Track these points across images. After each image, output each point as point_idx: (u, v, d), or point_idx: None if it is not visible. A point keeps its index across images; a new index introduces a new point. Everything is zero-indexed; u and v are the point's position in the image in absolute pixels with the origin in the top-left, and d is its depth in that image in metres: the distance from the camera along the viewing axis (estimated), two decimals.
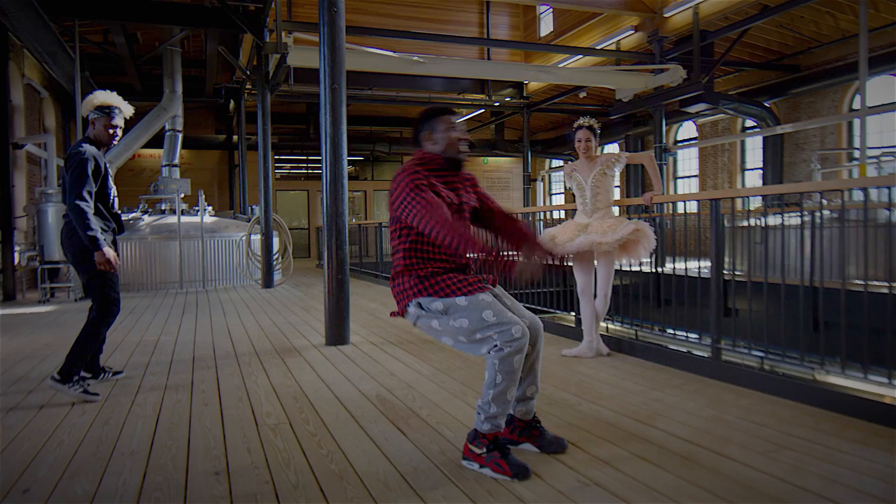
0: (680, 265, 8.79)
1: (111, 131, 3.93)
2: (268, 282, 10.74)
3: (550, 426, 3.03)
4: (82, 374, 3.97)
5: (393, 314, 2.76)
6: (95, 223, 3.76)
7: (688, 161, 17.60)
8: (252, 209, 13.83)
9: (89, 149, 3.81)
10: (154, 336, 5.93)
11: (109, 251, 3.78)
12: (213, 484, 2.45)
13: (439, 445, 2.82)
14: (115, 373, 4.31)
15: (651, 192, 4.57)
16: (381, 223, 12.26)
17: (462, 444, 2.76)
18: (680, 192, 17.57)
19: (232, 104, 17.34)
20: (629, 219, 4.65)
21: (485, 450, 2.50)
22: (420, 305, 2.61)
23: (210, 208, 12.30)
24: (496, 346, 2.45)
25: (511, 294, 2.99)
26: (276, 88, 11.49)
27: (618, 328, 5.30)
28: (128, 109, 4.05)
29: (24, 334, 6.29)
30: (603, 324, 5.41)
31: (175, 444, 2.93)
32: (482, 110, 18.77)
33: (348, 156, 22.50)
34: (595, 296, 4.61)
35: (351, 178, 22.76)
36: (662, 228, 12.70)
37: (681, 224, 8.81)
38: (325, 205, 5.30)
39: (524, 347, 2.45)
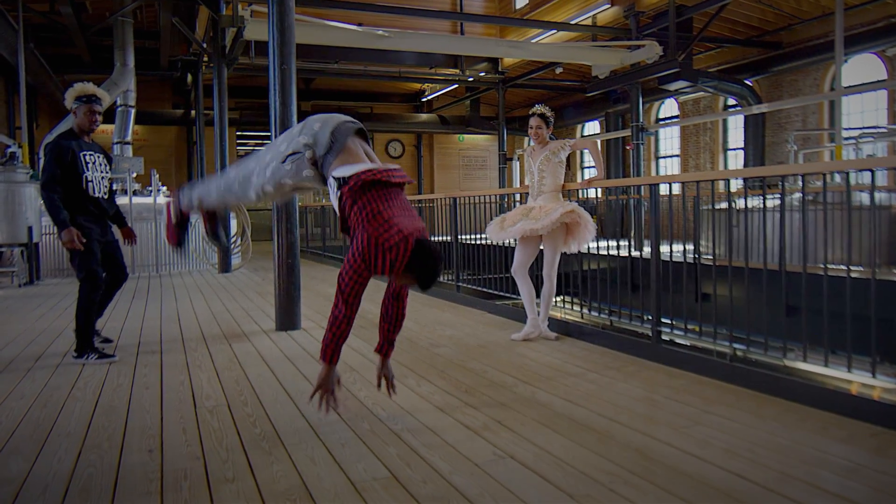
0: (663, 249, 9.15)
1: (91, 118, 4.54)
2: (225, 266, 10.92)
3: (483, 405, 3.33)
4: (106, 338, 5.03)
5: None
6: (58, 208, 4.35)
7: (670, 140, 17.97)
8: None
9: (60, 142, 4.45)
10: (100, 323, 6.11)
11: (72, 231, 4.34)
12: (146, 461, 2.70)
13: (370, 424, 3.10)
14: (105, 339, 5.08)
15: (592, 177, 4.88)
16: None
17: (396, 424, 3.06)
18: (662, 173, 17.95)
19: (190, 77, 17.34)
20: (578, 204, 4.95)
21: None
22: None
23: (164, 188, 12.41)
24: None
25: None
26: (234, 62, 11.60)
27: (592, 316, 5.60)
28: (105, 97, 4.64)
29: None
30: (558, 309, 5.72)
31: (112, 425, 3.18)
32: (456, 85, 18.96)
33: None
34: (542, 278, 4.92)
35: None
36: (640, 212, 13.10)
37: (669, 206, 9.13)
38: None
39: None
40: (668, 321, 4.39)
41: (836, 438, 2.78)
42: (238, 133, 20.80)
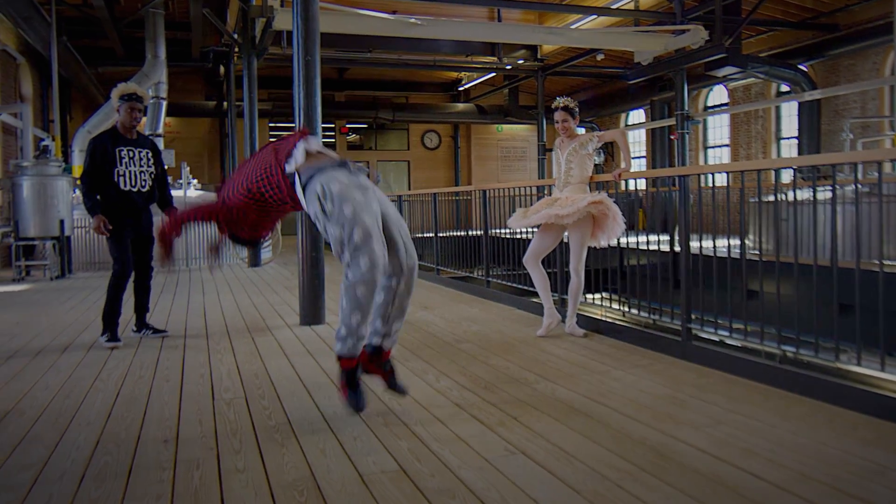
0: (707, 244, 9.07)
1: (132, 115, 5.08)
2: (255, 260, 11.17)
3: (501, 401, 3.40)
4: (156, 329, 5.42)
5: None
6: (88, 196, 5.00)
7: (719, 129, 17.71)
8: None
9: (95, 138, 5.09)
10: (127, 315, 6.33)
11: (100, 217, 4.95)
12: (161, 450, 2.84)
13: (384, 417, 3.19)
14: (156, 331, 5.40)
15: (621, 168, 4.90)
16: None
17: (410, 418, 3.15)
18: (711, 162, 17.70)
19: (222, 68, 17.70)
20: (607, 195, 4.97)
21: (344, 378, 3.14)
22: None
23: (195, 181, 12.72)
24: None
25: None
26: (264, 53, 11.82)
27: (632, 315, 5.61)
28: (146, 96, 5.25)
29: None
30: (595, 307, 5.74)
31: (131, 415, 3.34)
32: (493, 74, 18.98)
33: (350, 123, 22.74)
34: (569, 270, 4.97)
35: (354, 147, 23.11)
36: (686, 204, 12.97)
37: (712, 199, 9.06)
38: None
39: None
40: (709, 319, 4.37)
41: (864, 440, 2.78)
42: (270, 125, 21.13)
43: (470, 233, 8.36)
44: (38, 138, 12.82)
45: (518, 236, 6.90)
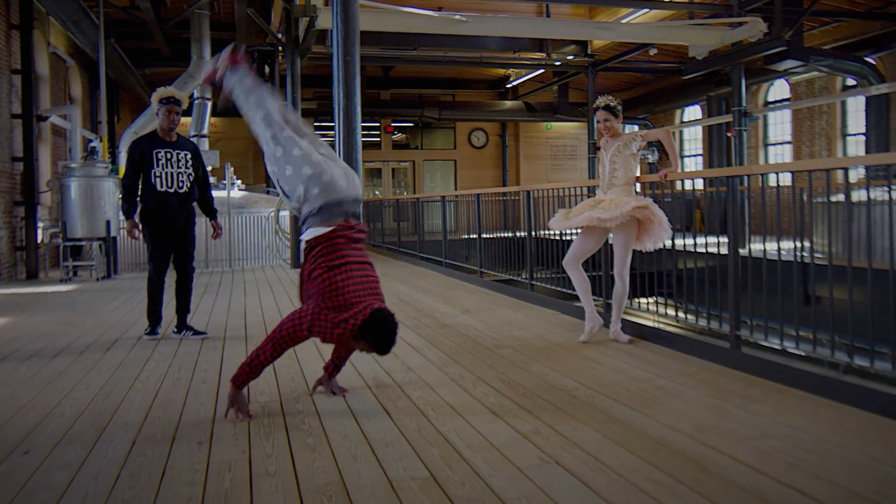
0: (770, 246, 8.91)
1: (169, 118, 5.32)
2: (297, 261, 11.35)
3: (538, 409, 3.40)
4: (196, 331, 5.62)
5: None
6: (125, 199, 5.36)
7: (780, 126, 17.32)
8: None
9: (133, 142, 5.40)
10: (169, 315, 6.51)
11: (130, 222, 5.33)
12: (194, 451, 2.93)
13: (418, 424, 3.23)
14: (196, 332, 5.57)
15: (667, 169, 4.84)
16: (418, 198, 12.69)
17: (444, 425, 3.19)
18: (771, 161, 17.31)
19: (266, 68, 18.04)
20: (651, 199, 4.93)
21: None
22: None
23: (239, 182, 13.00)
24: None
25: None
26: (307, 53, 12.02)
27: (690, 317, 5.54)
28: (183, 99, 5.46)
29: (43, 313, 7.03)
30: (643, 312, 5.69)
31: (167, 417, 3.44)
32: (542, 70, 18.92)
33: (395, 122, 22.92)
34: (614, 275, 4.94)
35: (400, 146, 23.30)
36: (744, 204, 12.73)
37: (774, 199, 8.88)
38: None
39: None
40: (759, 324, 4.30)
41: None
42: (316, 123, 21.43)
43: (515, 234, 8.36)
44: (86, 139, 13.29)
45: (565, 238, 6.86)
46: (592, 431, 3.07)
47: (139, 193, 5.34)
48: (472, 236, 9.29)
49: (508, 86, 22.05)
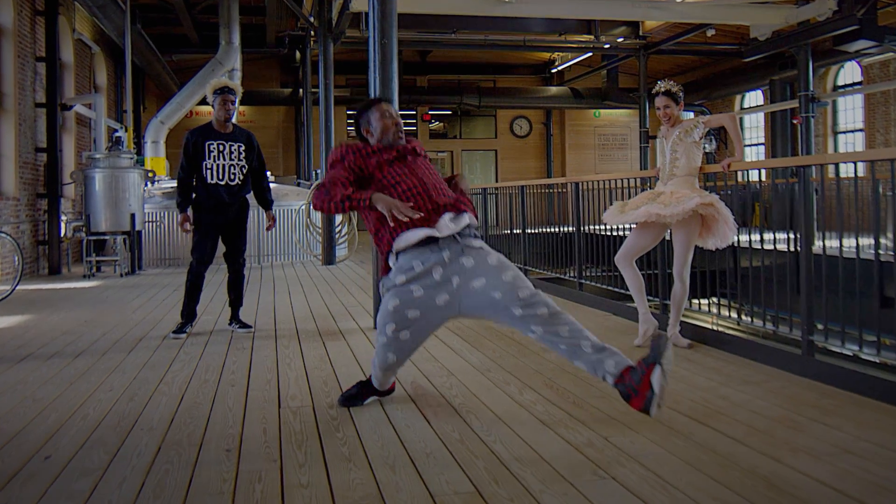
0: (835, 243, 8.72)
1: (225, 107, 5.51)
2: (329, 258, 11.39)
3: (590, 419, 3.32)
4: (243, 323, 5.86)
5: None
6: (179, 193, 5.57)
7: (851, 112, 16.89)
8: (316, 174, 14.56)
9: (189, 133, 5.58)
10: (242, 311, 6.52)
11: (183, 216, 5.54)
12: (223, 459, 2.91)
13: (461, 433, 3.17)
14: (243, 325, 5.81)
15: (731, 158, 4.71)
16: None
17: (489, 435, 3.13)
18: (841, 150, 16.89)
19: (298, 54, 18.17)
20: (713, 192, 4.80)
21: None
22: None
23: (269, 173, 13.06)
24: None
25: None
26: (341, 37, 12.03)
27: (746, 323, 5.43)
28: (238, 89, 5.64)
29: (65, 310, 7.14)
30: (713, 311, 5.56)
31: (194, 422, 3.44)
32: (590, 54, 18.72)
33: (433, 110, 22.87)
34: (673, 274, 4.82)
35: (437, 135, 23.27)
36: (810, 198, 12.42)
37: (847, 193, 8.66)
38: None
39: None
40: (834, 329, 4.17)
41: None
42: (349, 111, 21.52)
43: (562, 229, 8.25)
44: (111, 129, 13.49)
45: (616, 233, 6.74)
46: (652, 444, 2.98)
47: (193, 186, 5.55)
48: (515, 231, 9.20)
49: (553, 71, 21.88)
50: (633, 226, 5.03)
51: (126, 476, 2.76)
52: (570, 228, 7.56)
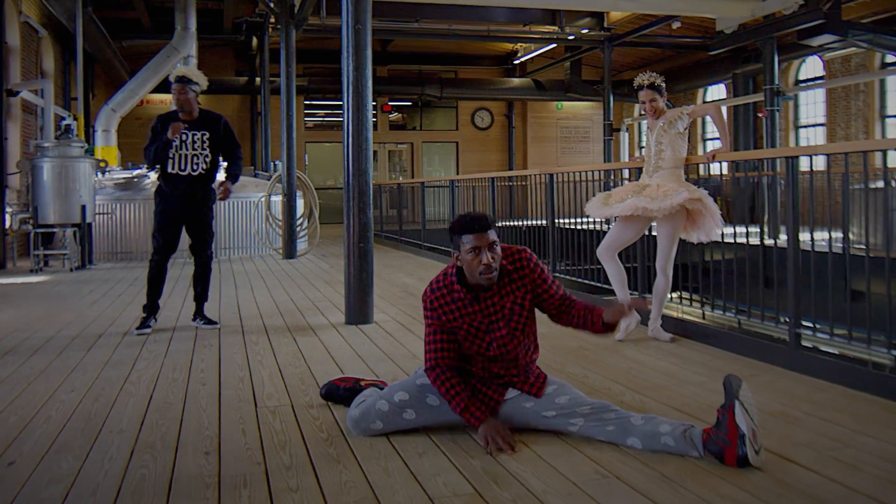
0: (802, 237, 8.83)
1: (178, 97, 5.36)
2: (290, 251, 11.21)
3: None
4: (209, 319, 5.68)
5: None
6: (149, 148, 5.41)
7: (812, 106, 17.18)
8: (275, 165, 14.32)
9: (157, 119, 5.47)
10: (207, 306, 6.32)
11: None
12: (202, 463, 2.78)
13: (452, 434, 3.08)
14: (208, 322, 5.63)
15: (716, 149, 4.71)
16: (422, 182, 12.54)
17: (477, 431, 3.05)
18: (803, 144, 17.19)
19: (255, 41, 17.83)
20: (698, 185, 4.80)
21: None
22: None
23: (225, 165, 12.80)
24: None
25: None
26: (303, 23, 11.82)
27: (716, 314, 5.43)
28: (197, 78, 5.44)
29: (14, 306, 6.87)
30: (678, 306, 5.56)
31: (166, 423, 3.30)
32: (554, 45, 18.74)
33: (393, 101, 22.75)
34: (656, 268, 4.80)
35: (397, 126, 23.11)
36: (775, 192, 12.59)
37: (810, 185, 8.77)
38: (346, 162, 5.59)
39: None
40: (810, 324, 4.19)
41: None
42: (306, 102, 21.24)
43: (528, 223, 8.20)
44: (59, 117, 13.07)
45: (591, 227, 6.72)
46: None
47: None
48: None
49: (516, 62, 21.86)
50: (615, 218, 5.00)
51: (99, 482, 2.61)
52: (542, 222, 7.52)
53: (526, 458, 2.77)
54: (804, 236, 4.39)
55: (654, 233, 5.01)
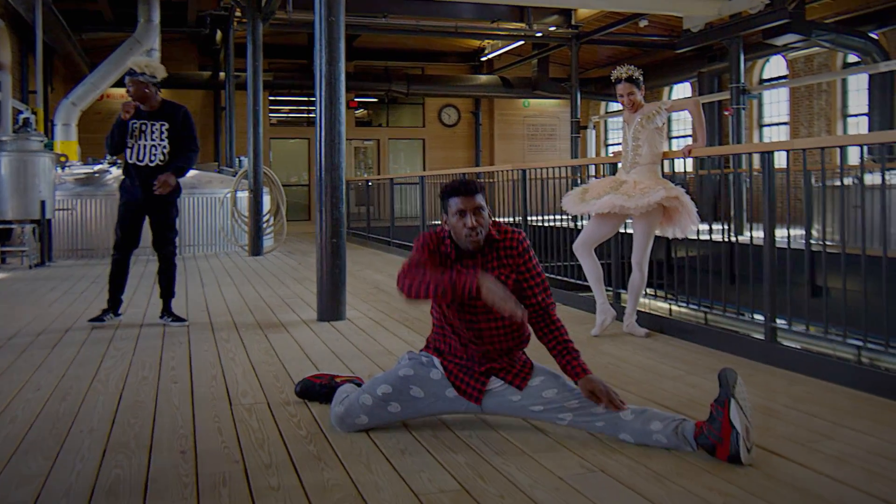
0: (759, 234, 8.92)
1: (128, 88, 5.29)
2: (256, 248, 11.07)
3: None
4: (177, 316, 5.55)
5: None
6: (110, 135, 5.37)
7: (776, 105, 17.43)
8: (240, 161, 14.14)
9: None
10: (175, 302, 6.18)
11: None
12: (179, 462, 2.71)
13: (433, 429, 3.05)
14: (176, 319, 5.51)
15: (691, 144, 4.73)
16: (392, 178, 12.48)
17: (462, 430, 3.02)
18: (766, 142, 17.45)
19: (219, 35, 17.57)
20: (675, 182, 4.82)
21: None
22: None
23: (194, 154, 12.59)
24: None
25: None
26: (271, 17, 11.69)
27: (682, 309, 5.47)
28: (148, 67, 5.34)
29: None
30: (647, 301, 5.58)
31: (139, 422, 3.21)
32: (521, 42, 18.77)
33: (359, 97, 22.61)
34: (632, 263, 4.81)
35: (362, 123, 22.96)
36: (740, 188, 12.75)
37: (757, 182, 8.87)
38: (319, 156, 5.52)
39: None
40: (785, 321, 4.24)
41: None
42: (271, 98, 21.00)
43: (500, 220, 8.18)
44: (17, 111, 12.75)
45: (564, 225, 6.73)
46: None
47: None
48: None
49: (483, 59, 21.84)
50: (570, 213, 5.03)
51: (72, 483, 2.53)
52: (514, 219, 7.51)
53: (510, 453, 2.75)
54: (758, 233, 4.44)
55: (629, 230, 5.02)
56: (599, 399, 2.83)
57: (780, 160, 4.38)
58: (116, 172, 11.54)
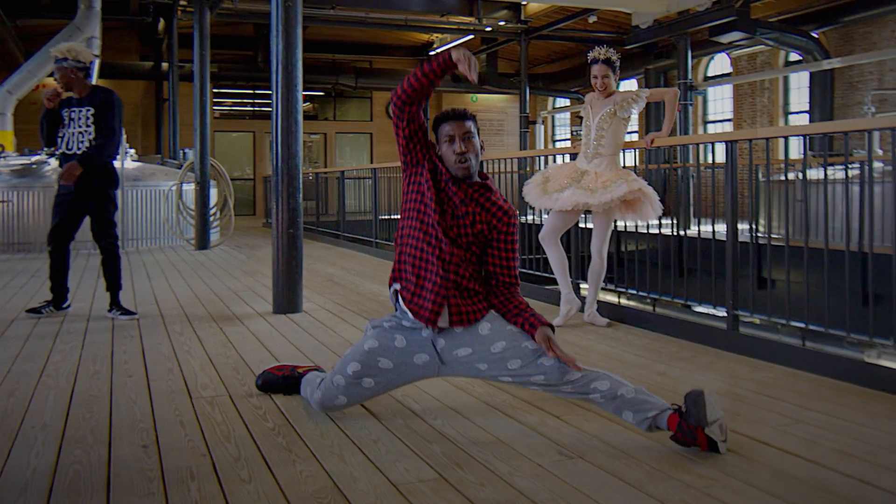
0: (706, 228, 9.02)
1: (55, 75, 5.17)
2: (203, 242, 10.84)
3: (536, 399, 3.22)
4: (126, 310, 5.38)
5: None
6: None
7: (720, 102, 17.78)
8: (185, 153, 13.83)
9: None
10: (122, 295, 5.96)
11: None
12: (142, 457, 2.60)
13: (404, 419, 3.00)
14: (125, 312, 5.34)
15: (655, 133, 4.75)
16: (342, 171, 12.37)
17: (434, 419, 2.99)
18: (730, 131, 17.78)
19: (162, 24, 17.16)
20: (636, 173, 4.83)
21: None
22: None
23: (132, 151, 12.29)
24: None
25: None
26: (218, 5, 11.44)
27: (632, 303, 5.51)
28: (70, 52, 5.12)
29: None
30: (609, 296, 5.61)
31: (94, 416, 3.08)
32: (471, 36, 18.77)
33: (305, 90, 22.40)
34: (592, 251, 4.83)
35: (308, 117, 22.68)
36: (687, 182, 12.97)
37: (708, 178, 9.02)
38: (275, 145, 5.41)
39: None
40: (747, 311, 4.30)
41: None
42: (214, 90, 20.59)
43: None
44: None
45: (523, 220, 6.71)
46: (608, 422, 2.91)
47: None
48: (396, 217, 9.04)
49: (432, 53, 21.78)
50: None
51: (28, 480, 2.40)
52: None
53: (485, 442, 2.72)
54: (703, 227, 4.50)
55: (590, 224, 5.02)
56: (552, 349, 2.77)
57: (720, 153, 4.43)
58: (55, 164, 11.17)
